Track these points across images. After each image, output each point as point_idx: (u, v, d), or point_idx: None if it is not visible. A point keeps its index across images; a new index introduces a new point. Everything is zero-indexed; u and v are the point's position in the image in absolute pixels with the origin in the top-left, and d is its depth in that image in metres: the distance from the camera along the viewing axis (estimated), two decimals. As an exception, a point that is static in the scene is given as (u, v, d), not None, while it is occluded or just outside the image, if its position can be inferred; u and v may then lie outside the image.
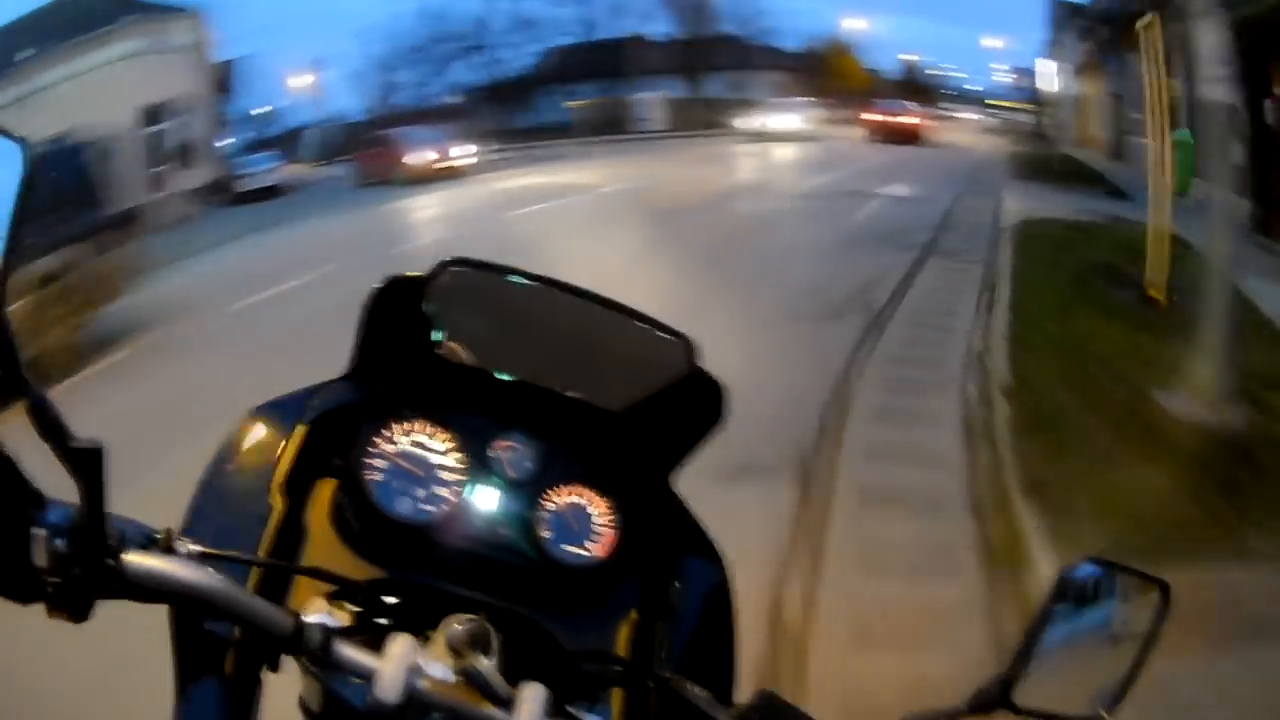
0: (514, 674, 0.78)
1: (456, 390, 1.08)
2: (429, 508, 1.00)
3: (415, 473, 1.01)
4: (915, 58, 79.37)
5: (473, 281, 1.06)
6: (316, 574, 0.90)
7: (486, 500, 1.03)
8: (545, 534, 1.03)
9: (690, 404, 1.09)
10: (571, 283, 1.04)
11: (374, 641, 0.76)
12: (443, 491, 1.01)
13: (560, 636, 0.96)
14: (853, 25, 60.03)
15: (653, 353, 1.07)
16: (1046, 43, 37.40)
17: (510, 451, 1.06)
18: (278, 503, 0.96)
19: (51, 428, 0.67)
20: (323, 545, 0.98)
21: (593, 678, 0.93)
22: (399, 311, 1.05)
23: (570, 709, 0.84)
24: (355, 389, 1.08)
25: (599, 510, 1.05)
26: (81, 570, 0.68)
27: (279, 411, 1.05)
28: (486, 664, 0.77)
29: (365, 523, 0.99)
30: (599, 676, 0.93)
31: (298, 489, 1.00)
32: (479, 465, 1.04)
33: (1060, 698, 0.82)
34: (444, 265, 1.02)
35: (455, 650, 0.78)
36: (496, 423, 1.07)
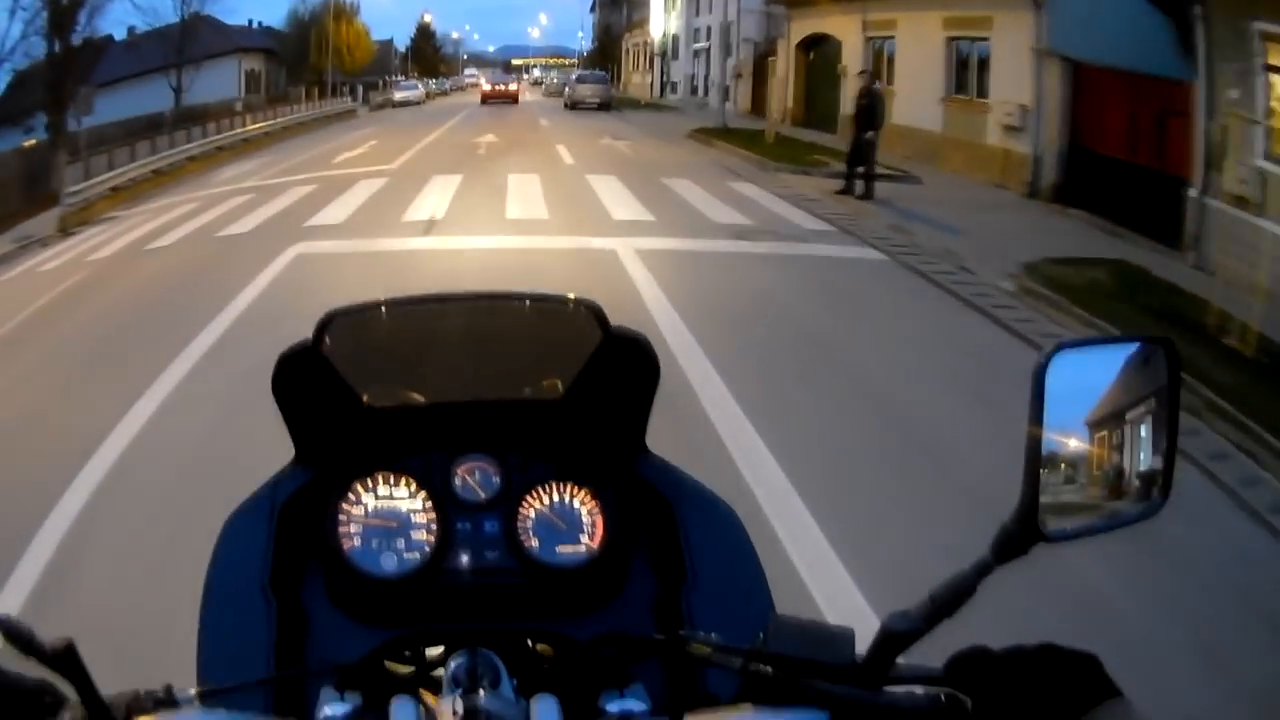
0: (536, 687, 0.82)
1: (401, 433, 1.09)
2: (412, 556, 1.03)
3: (389, 526, 1.04)
4: (428, 19, 73.54)
5: (360, 327, 1.06)
6: (317, 672, 0.93)
7: (465, 530, 1.05)
8: (533, 543, 1.05)
9: (618, 365, 1.08)
10: (451, 291, 1.06)
11: (385, 714, 0.79)
12: (420, 535, 1.04)
13: (586, 634, 0.97)
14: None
15: (562, 328, 1.10)
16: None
17: (472, 474, 1.08)
18: (272, 604, 0.99)
19: (22, 641, 0.70)
20: (327, 626, 1.01)
21: (616, 660, 0.92)
22: (307, 382, 1.05)
23: (600, 703, 0.86)
24: (307, 468, 1.11)
25: (580, 502, 1.06)
26: None
27: (245, 517, 1.08)
28: (491, 695, 0.79)
29: (358, 590, 1.02)
30: (621, 658, 0.93)
31: (288, 582, 1.03)
32: (447, 498, 1.06)
33: (1093, 507, 0.76)
34: (324, 325, 1.02)
35: (460, 688, 0.80)
36: (450, 451, 1.08)
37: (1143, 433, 0.75)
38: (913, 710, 0.71)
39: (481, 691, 0.77)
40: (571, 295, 1.05)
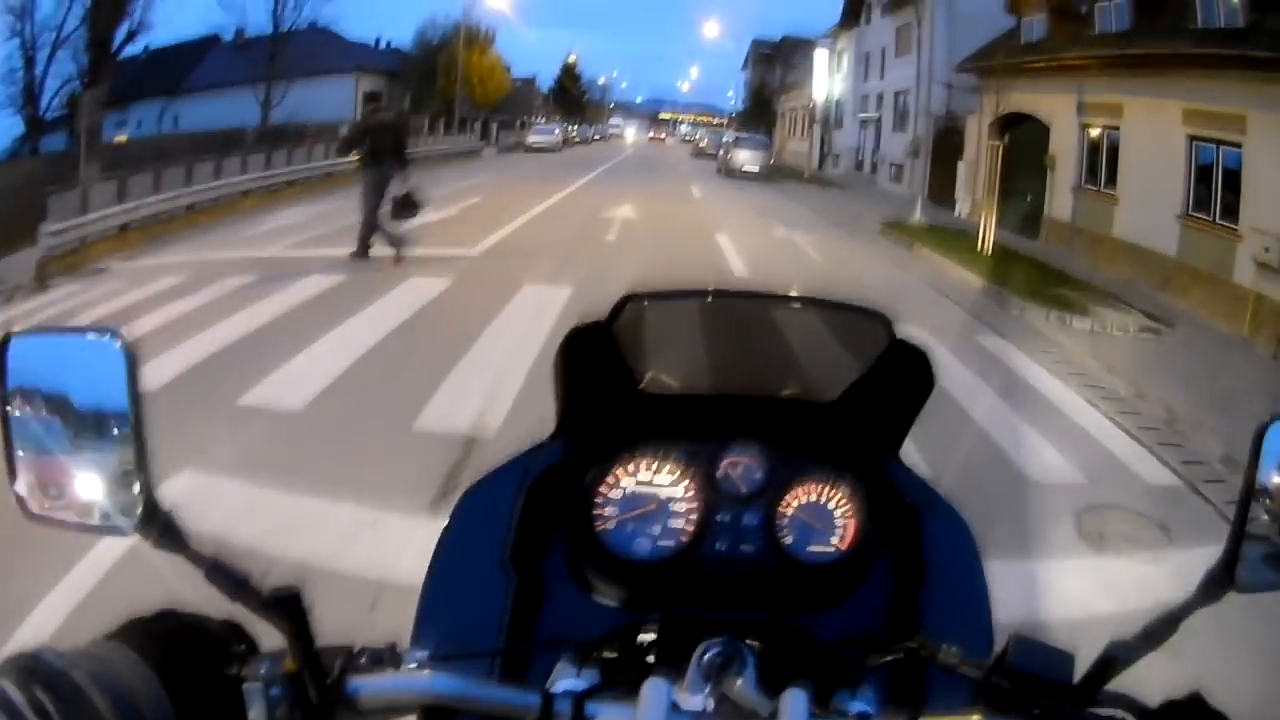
0: (779, 682, 0.81)
1: (670, 420, 1.15)
2: (667, 542, 1.09)
3: (648, 510, 1.09)
4: (573, 59, 72.73)
5: (654, 311, 1.12)
6: (553, 646, 0.92)
7: (725, 521, 1.11)
8: (788, 539, 1.10)
9: (898, 375, 1.13)
10: (750, 288, 1.14)
11: (630, 691, 0.78)
12: (678, 523, 1.09)
13: (824, 632, 0.99)
14: (494, 7, 44.36)
15: (850, 334, 1.14)
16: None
17: (738, 466, 1.13)
18: (511, 576, 1.03)
19: (238, 587, 0.72)
20: (564, 602, 1.06)
21: (853, 665, 0.95)
22: (590, 358, 1.12)
23: (834, 702, 0.86)
24: (567, 443, 1.18)
25: (835, 503, 1.11)
26: (305, 711, 0.71)
27: (494, 485, 1.12)
28: (740, 684, 0.80)
29: (606, 571, 1.07)
30: (859, 662, 0.95)
31: (529, 556, 1.07)
32: (710, 488, 1.11)
33: None
34: (622, 303, 1.09)
35: (710, 676, 0.81)
36: (718, 442, 1.13)
37: None
38: None
39: (737, 681, 0.80)
40: (862, 303, 1.11)
